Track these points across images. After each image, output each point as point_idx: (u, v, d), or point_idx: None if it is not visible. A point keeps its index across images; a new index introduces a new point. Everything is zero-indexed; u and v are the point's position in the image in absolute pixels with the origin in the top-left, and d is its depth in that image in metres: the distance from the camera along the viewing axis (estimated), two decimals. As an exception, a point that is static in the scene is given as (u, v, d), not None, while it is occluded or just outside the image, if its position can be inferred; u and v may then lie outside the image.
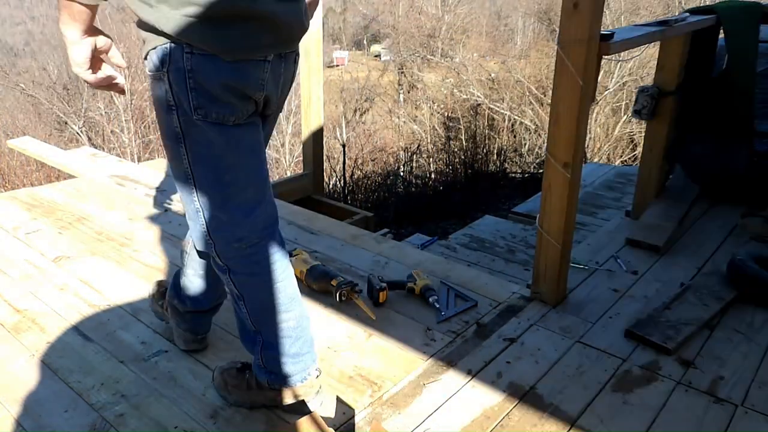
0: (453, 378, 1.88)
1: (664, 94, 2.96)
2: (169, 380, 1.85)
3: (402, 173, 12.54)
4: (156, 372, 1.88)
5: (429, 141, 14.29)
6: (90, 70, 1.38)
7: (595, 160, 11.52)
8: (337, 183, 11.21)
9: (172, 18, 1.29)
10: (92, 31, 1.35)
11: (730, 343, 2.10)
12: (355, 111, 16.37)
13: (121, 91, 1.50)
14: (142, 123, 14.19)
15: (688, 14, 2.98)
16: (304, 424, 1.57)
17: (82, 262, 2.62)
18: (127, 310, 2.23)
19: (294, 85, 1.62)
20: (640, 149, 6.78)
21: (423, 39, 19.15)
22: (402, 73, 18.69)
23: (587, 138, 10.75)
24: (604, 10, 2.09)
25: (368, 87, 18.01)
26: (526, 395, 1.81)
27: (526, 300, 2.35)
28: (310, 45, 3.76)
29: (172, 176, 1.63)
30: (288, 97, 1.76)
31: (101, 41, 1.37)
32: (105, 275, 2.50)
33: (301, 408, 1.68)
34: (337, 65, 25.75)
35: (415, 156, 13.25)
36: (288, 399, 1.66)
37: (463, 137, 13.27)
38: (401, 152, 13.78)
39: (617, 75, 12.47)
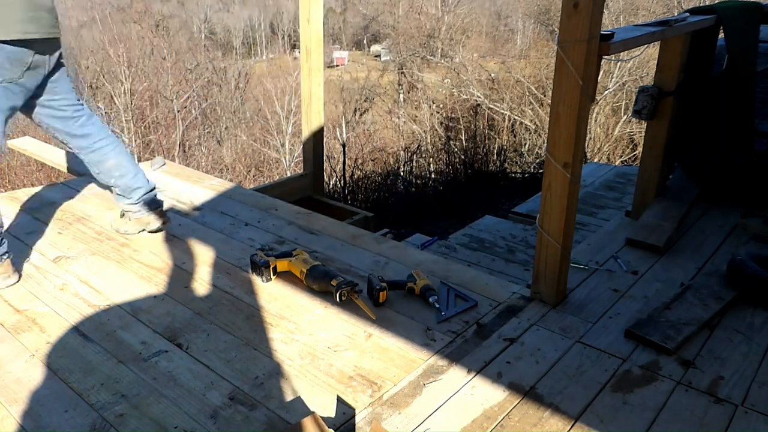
0: (453, 378, 1.88)
1: (664, 94, 2.96)
2: (169, 380, 1.85)
3: (402, 173, 12.53)
4: (156, 372, 1.88)
5: (429, 141, 14.29)
6: None
7: (595, 160, 11.51)
8: (337, 183, 11.21)
9: None
10: None
11: (730, 343, 2.10)
12: (355, 111, 16.37)
13: None
14: (142, 123, 14.21)
15: (687, 14, 2.98)
16: (304, 424, 1.57)
17: (82, 262, 2.62)
18: (127, 310, 2.23)
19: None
20: (640, 149, 6.78)
21: (423, 39, 19.15)
22: (402, 73, 18.69)
23: (587, 138, 10.74)
24: (603, 10, 2.09)
25: (368, 87, 18.02)
26: (526, 395, 1.81)
27: (526, 300, 2.35)
28: (311, 44, 3.76)
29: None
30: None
31: None
32: (105, 275, 2.50)
33: (301, 409, 1.69)
34: (337, 65, 25.80)
35: (415, 156, 13.25)
36: None
37: (463, 137, 13.27)
38: (401, 152, 13.78)
39: (617, 75, 12.47)
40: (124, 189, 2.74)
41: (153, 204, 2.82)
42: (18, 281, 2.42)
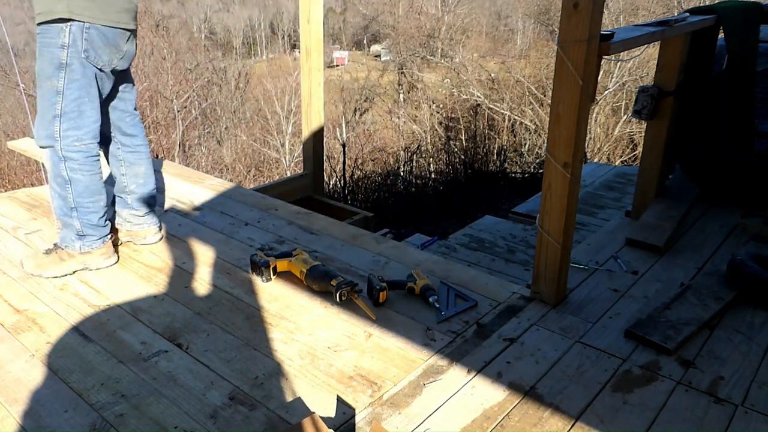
0: (453, 378, 1.88)
1: (664, 94, 2.96)
2: (169, 380, 1.85)
3: (402, 173, 12.53)
4: (156, 372, 1.88)
5: (429, 141, 14.29)
6: None
7: (595, 160, 11.51)
8: (337, 183, 11.21)
9: None
10: None
11: (730, 343, 2.10)
12: (355, 111, 16.37)
13: None
14: (142, 123, 14.19)
15: (687, 14, 2.98)
16: (304, 424, 1.57)
17: (82, 262, 2.62)
18: (127, 310, 2.23)
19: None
20: (640, 149, 6.78)
21: (423, 39, 19.16)
22: (402, 73, 18.70)
23: (587, 138, 10.74)
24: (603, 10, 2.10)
25: (368, 87, 18.02)
26: (526, 395, 1.81)
27: (526, 300, 2.35)
28: (311, 44, 3.76)
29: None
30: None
31: None
32: (105, 275, 2.50)
33: (301, 409, 1.68)
34: (337, 65, 25.80)
35: (415, 156, 13.25)
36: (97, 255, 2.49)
37: (463, 137, 13.27)
38: (401, 152, 13.78)
39: (617, 75, 12.47)
40: (138, 198, 2.74)
41: (153, 218, 2.82)
42: (116, 262, 2.60)
